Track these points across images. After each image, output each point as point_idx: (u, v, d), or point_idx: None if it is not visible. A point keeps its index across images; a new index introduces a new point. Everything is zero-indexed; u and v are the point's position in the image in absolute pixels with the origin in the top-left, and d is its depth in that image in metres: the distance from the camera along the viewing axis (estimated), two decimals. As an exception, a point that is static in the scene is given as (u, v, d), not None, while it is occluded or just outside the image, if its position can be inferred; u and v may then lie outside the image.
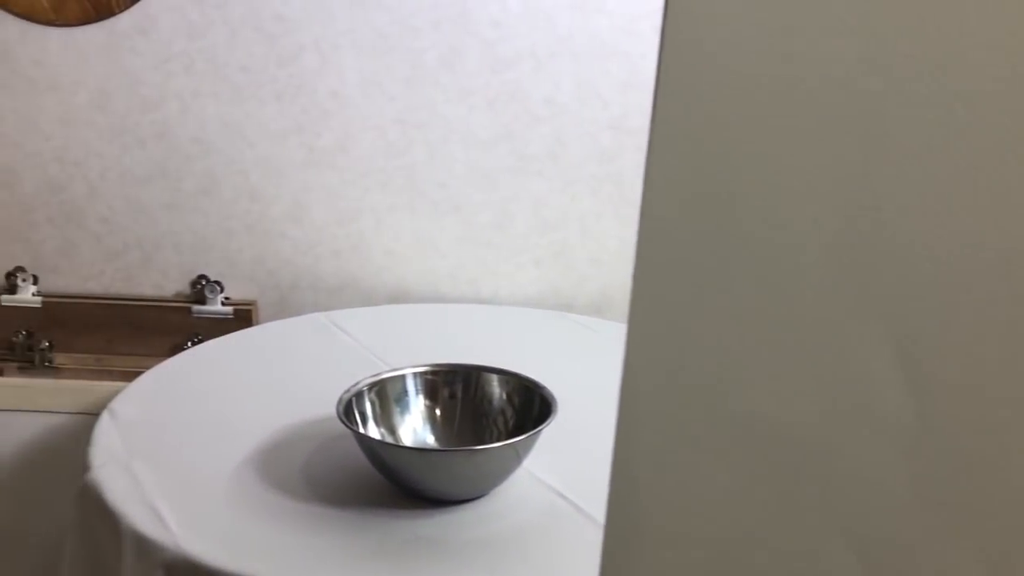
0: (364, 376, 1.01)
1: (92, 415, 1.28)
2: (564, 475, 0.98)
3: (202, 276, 1.57)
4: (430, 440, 1.02)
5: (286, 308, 1.58)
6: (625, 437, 0.39)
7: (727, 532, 0.36)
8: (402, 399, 1.02)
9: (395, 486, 0.93)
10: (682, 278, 0.36)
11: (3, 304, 1.56)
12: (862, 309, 0.33)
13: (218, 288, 1.55)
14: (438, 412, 1.03)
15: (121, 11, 1.45)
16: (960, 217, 0.32)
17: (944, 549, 0.31)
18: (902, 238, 0.33)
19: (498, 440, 0.99)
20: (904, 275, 0.32)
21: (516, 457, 0.93)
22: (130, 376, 1.26)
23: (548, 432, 0.92)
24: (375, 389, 1.00)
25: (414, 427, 1.02)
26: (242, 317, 1.56)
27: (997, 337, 0.31)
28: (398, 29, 1.46)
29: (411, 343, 1.34)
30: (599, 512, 0.92)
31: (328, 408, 0.96)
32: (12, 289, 1.56)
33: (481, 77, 1.47)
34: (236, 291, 1.58)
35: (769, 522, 0.34)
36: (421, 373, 1.04)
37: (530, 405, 0.99)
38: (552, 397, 0.97)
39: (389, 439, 0.99)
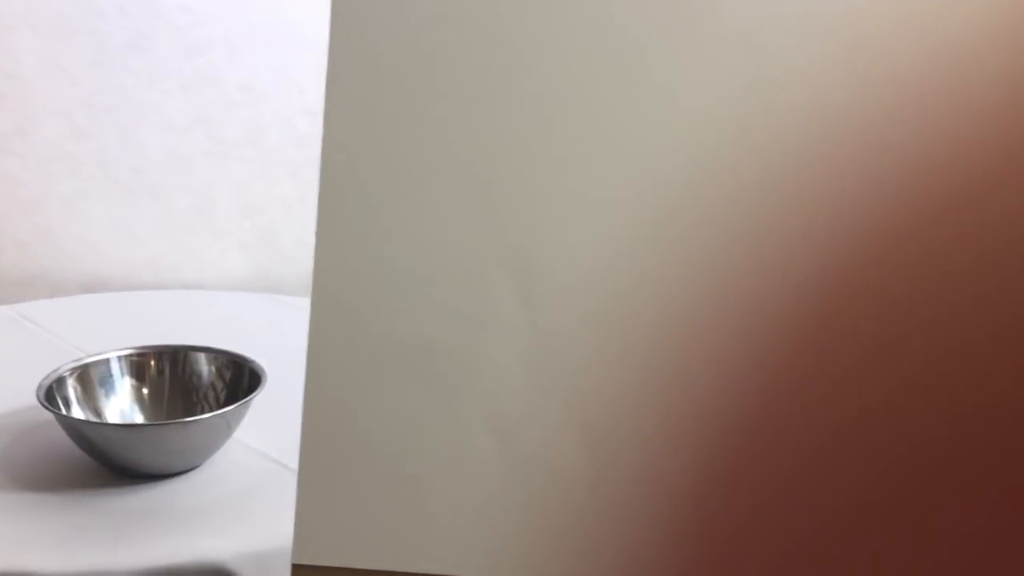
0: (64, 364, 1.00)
1: None
2: (277, 442, 1.03)
3: None
4: (139, 419, 1.03)
5: (-35, 305, 1.48)
6: (313, 379, 0.47)
7: (401, 441, 0.45)
8: (107, 382, 1.02)
9: (106, 467, 0.94)
10: (358, 226, 0.45)
11: None
12: (484, 243, 0.43)
13: None
14: (146, 392, 1.05)
15: None
16: (556, 162, 0.43)
17: (550, 421, 0.43)
18: (520, 179, 0.43)
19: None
20: (518, 209, 0.43)
21: (227, 428, 0.98)
22: None
23: (264, 406, 0.97)
24: (76, 374, 1.00)
25: (121, 408, 1.03)
26: (-88, 317, 1.44)
27: (586, 259, 0.43)
28: (81, 12, 1.41)
29: (112, 332, 1.32)
30: (311, 470, 0.98)
31: (26, 400, 0.94)
32: None
33: (173, 62, 1.47)
34: (-97, 289, 1.46)
35: (429, 423, 0.44)
36: (126, 356, 1.05)
37: (240, 379, 1.04)
38: (262, 370, 1.02)
39: (95, 420, 0.99)
